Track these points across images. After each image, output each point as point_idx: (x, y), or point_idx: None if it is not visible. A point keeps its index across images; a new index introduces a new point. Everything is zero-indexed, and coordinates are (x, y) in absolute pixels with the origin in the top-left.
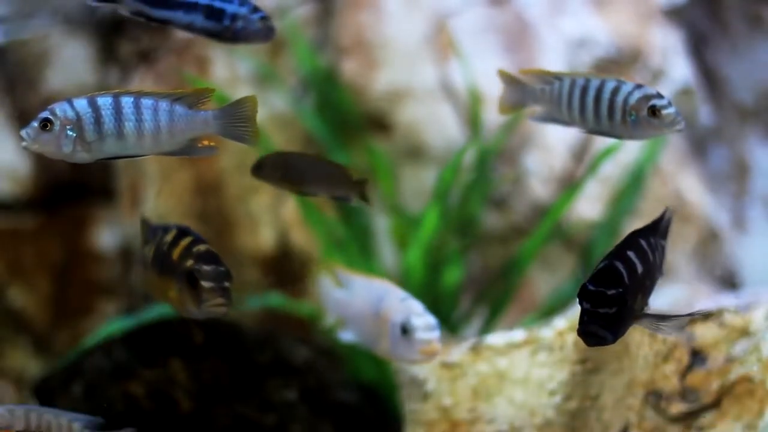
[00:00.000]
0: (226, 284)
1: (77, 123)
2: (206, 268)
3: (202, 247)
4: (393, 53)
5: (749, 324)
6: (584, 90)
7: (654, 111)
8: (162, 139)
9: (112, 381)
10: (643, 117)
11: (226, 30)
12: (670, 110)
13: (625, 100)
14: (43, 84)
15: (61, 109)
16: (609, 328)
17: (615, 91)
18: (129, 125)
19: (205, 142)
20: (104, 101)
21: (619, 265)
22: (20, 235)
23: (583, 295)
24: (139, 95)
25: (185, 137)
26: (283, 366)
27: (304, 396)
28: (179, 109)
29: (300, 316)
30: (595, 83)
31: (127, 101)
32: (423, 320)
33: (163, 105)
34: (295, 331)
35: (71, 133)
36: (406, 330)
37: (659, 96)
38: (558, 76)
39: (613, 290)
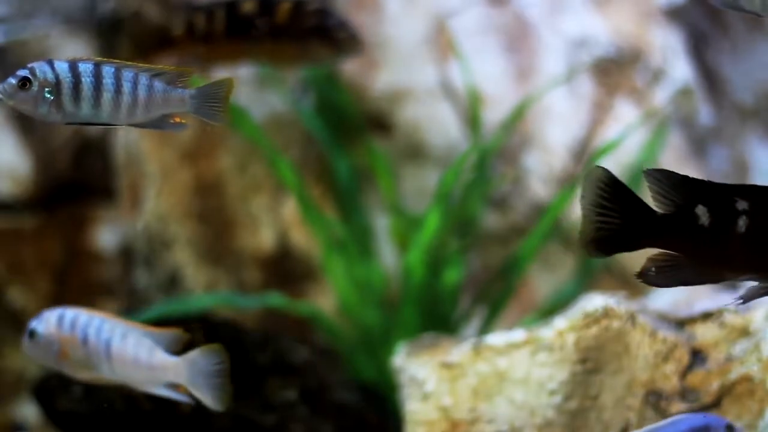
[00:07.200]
0: None
1: (56, 86)
2: None
3: None
4: (393, 53)
5: (749, 324)
6: None
7: None
8: (137, 112)
9: None
10: None
11: None
12: None
13: None
14: None
15: (41, 70)
16: None
17: None
18: (107, 95)
19: (177, 119)
20: (85, 67)
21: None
22: (20, 235)
23: None
24: (120, 66)
25: (160, 112)
26: (283, 366)
27: (304, 396)
28: (158, 84)
29: (300, 316)
30: None
31: (108, 70)
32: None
33: (143, 79)
34: (295, 331)
35: (48, 95)
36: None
37: None
38: None
39: None
